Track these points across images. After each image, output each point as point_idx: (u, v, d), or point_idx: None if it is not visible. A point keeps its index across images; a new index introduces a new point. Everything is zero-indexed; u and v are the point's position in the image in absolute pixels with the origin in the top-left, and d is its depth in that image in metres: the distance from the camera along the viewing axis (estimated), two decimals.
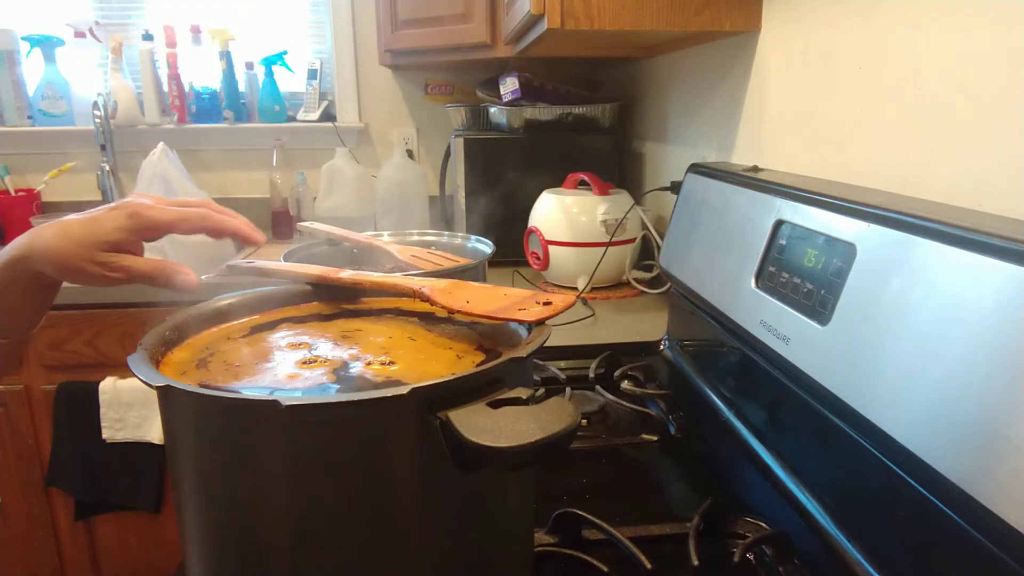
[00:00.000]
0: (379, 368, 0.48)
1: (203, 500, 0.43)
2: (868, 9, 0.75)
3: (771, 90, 1.00)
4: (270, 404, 0.37)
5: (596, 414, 0.90)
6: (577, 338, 1.15)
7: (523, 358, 0.43)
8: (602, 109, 1.66)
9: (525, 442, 0.36)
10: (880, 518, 0.53)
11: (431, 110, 2.17)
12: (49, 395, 1.58)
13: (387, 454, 0.40)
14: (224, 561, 0.44)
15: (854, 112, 0.78)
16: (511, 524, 0.49)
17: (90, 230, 0.52)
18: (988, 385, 0.42)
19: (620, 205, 1.38)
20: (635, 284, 1.42)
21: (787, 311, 0.65)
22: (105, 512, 1.66)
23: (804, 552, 0.60)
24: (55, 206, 2.08)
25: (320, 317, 0.60)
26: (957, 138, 0.62)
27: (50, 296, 0.60)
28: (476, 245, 1.02)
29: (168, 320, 0.53)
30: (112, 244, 0.53)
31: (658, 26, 1.01)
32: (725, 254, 0.82)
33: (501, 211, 1.61)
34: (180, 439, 0.44)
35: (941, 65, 0.64)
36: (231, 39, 2.06)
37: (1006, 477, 0.39)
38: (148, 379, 0.41)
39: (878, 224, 0.55)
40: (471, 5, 1.57)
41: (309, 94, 2.15)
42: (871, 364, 0.52)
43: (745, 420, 0.76)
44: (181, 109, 2.11)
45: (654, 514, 0.67)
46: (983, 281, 0.44)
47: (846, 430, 0.56)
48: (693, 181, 0.98)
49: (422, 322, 0.58)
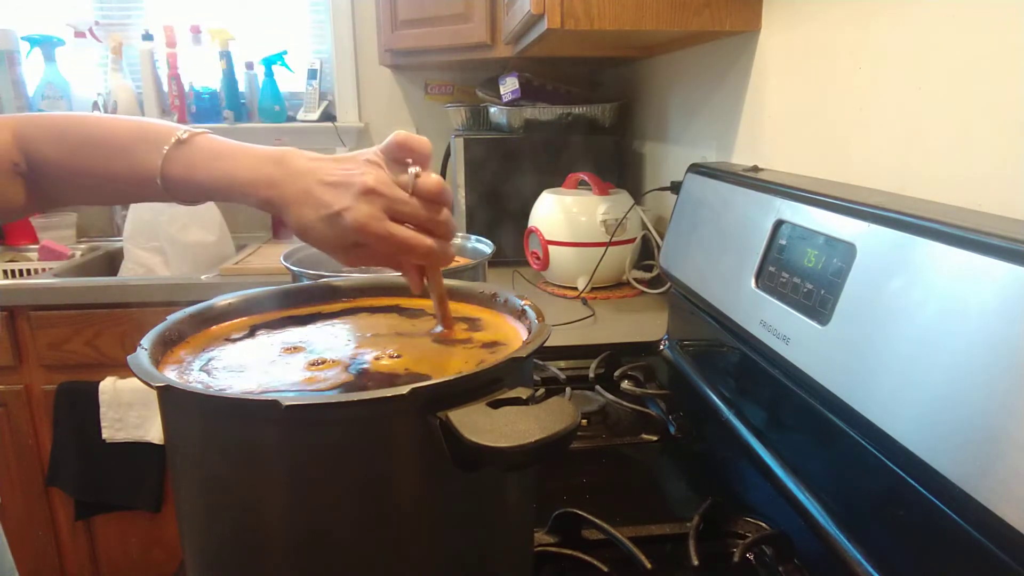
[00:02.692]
0: (390, 363, 0.49)
1: (203, 500, 0.43)
2: (868, 9, 0.75)
3: (771, 90, 1.00)
4: (270, 404, 0.37)
5: (596, 414, 0.90)
6: (577, 338, 1.15)
7: (523, 358, 0.43)
8: (602, 109, 1.66)
9: (525, 442, 0.36)
10: (880, 518, 0.53)
11: (431, 110, 2.17)
12: (49, 395, 1.58)
13: (387, 454, 0.40)
14: (224, 561, 0.44)
15: (854, 112, 0.78)
16: (511, 524, 0.49)
17: (337, 231, 0.50)
18: (988, 385, 0.42)
19: (620, 205, 1.38)
20: (635, 284, 1.42)
21: (787, 311, 0.65)
22: (105, 512, 1.66)
23: (804, 552, 0.60)
24: None
25: (320, 316, 0.60)
26: (957, 138, 0.62)
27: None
28: (476, 245, 1.02)
29: (168, 320, 0.52)
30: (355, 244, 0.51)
31: (658, 26, 1.01)
32: (725, 254, 0.82)
33: (501, 211, 1.61)
34: (180, 439, 0.44)
35: (941, 65, 0.64)
36: (231, 39, 2.06)
37: (1006, 477, 0.39)
38: (148, 379, 0.41)
39: (878, 224, 0.55)
40: (471, 5, 1.57)
41: (309, 94, 2.15)
42: (871, 364, 0.52)
43: (745, 420, 0.76)
44: (181, 109, 2.11)
45: (654, 514, 0.67)
46: (983, 281, 0.44)
47: (846, 430, 0.56)
48: (693, 181, 0.98)
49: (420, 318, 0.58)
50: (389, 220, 0.49)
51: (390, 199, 0.49)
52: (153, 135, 0.54)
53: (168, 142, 0.53)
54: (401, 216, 0.50)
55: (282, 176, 0.51)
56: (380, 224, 0.49)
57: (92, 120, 0.57)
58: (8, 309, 1.54)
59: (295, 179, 0.51)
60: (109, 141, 0.56)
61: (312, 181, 0.50)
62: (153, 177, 0.54)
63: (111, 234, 2.12)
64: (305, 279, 0.85)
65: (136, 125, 0.56)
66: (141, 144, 0.54)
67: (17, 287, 1.56)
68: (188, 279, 1.61)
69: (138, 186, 0.55)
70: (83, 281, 1.61)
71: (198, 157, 0.53)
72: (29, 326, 1.55)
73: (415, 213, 0.50)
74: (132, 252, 1.79)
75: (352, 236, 0.49)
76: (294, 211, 0.51)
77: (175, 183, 0.54)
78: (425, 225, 0.51)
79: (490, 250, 0.98)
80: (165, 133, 0.54)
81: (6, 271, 1.87)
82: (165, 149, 0.53)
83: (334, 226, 0.49)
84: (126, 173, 0.55)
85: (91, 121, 0.57)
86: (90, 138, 0.56)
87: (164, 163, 0.53)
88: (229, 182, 0.52)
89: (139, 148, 0.54)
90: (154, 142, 0.54)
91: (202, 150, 0.53)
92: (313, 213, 0.50)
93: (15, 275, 1.86)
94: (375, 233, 0.49)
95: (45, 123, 0.58)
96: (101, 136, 0.56)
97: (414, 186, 0.50)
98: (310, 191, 0.50)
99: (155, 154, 0.53)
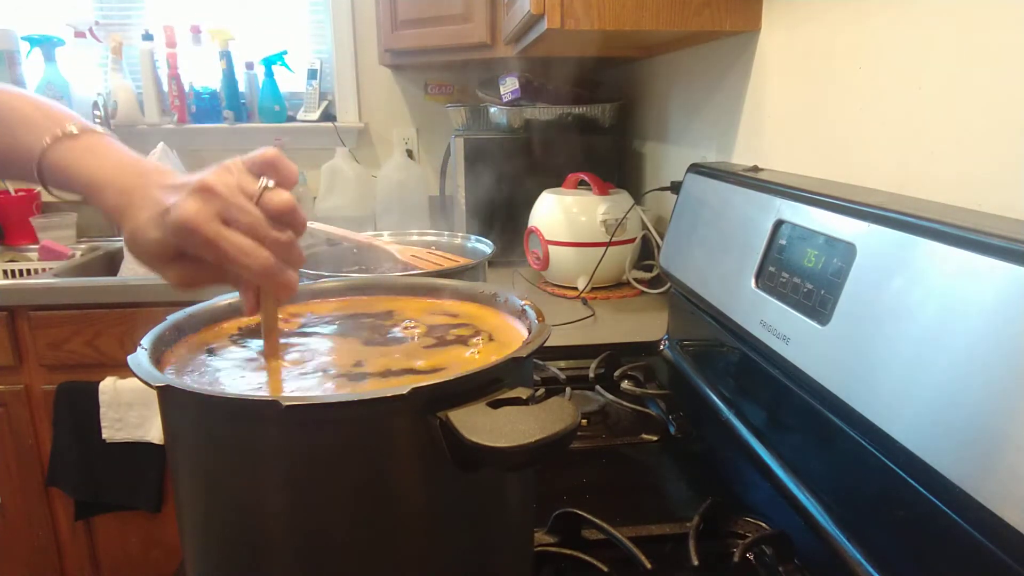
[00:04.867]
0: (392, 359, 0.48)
1: (203, 500, 0.43)
2: (868, 9, 0.75)
3: (771, 90, 1.00)
4: (270, 404, 0.37)
5: (596, 414, 0.90)
6: (577, 338, 1.15)
7: (523, 358, 0.43)
8: (602, 109, 1.66)
9: (525, 442, 0.36)
10: (880, 518, 0.53)
11: (431, 110, 2.17)
12: (49, 395, 1.58)
13: (387, 454, 0.40)
14: (224, 561, 0.44)
15: (854, 112, 0.78)
16: (511, 524, 0.49)
17: (161, 233, 0.46)
18: (988, 385, 0.42)
19: (620, 205, 1.38)
20: (635, 284, 1.42)
21: (787, 311, 0.65)
22: (105, 512, 1.66)
23: (804, 552, 0.60)
24: (55, 206, 2.08)
25: (319, 316, 0.60)
26: (957, 138, 0.62)
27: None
28: (476, 245, 1.03)
29: (168, 320, 0.52)
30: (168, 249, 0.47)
31: (658, 26, 1.01)
32: (725, 254, 0.82)
33: (501, 211, 1.61)
34: (180, 439, 0.44)
35: (941, 65, 0.64)
36: (231, 39, 2.06)
37: (1006, 477, 0.39)
38: (148, 379, 0.41)
39: (878, 224, 0.55)
40: (471, 5, 1.57)
41: (309, 94, 2.15)
42: (871, 364, 0.52)
43: (745, 420, 0.76)
44: (181, 109, 2.11)
45: (654, 514, 0.67)
46: (983, 281, 0.44)
47: (846, 430, 0.56)
48: (693, 181, 0.98)
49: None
50: (221, 223, 0.44)
51: (226, 201, 0.44)
52: (46, 122, 0.53)
53: (54, 132, 0.52)
54: (237, 223, 0.44)
55: (134, 185, 0.48)
56: (208, 225, 0.43)
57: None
58: (8, 309, 1.54)
59: (143, 187, 0.47)
60: (3, 120, 0.54)
61: (156, 187, 0.47)
62: (30, 163, 0.52)
63: (111, 234, 2.12)
64: (305, 279, 0.85)
65: (35, 110, 0.54)
66: (30, 128, 0.53)
67: (17, 287, 1.56)
68: None
69: (18, 167, 0.54)
70: (83, 281, 1.61)
71: (77, 154, 0.51)
72: (29, 326, 1.55)
73: (254, 224, 0.44)
74: None
75: (176, 238, 0.44)
76: (129, 215, 0.47)
77: (48, 173, 0.52)
78: (264, 241, 0.44)
79: (490, 250, 0.98)
80: (58, 123, 0.52)
81: (6, 271, 1.87)
82: (47, 141, 0.51)
83: (159, 227, 0.45)
84: (9, 154, 0.54)
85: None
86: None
87: (44, 153, 0.51)
88: (86, 182, 0.50)
89: (26, 132, 0.53)
90: (43, 129, 0.52)
91: (83, 148, 0.52)
92: (143, 214, 0.46)
93: (15, 275, 1.86)
94: (202, 234, 0.43)
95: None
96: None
97: (260, 197, 0.45)
98: (147, 194, 0.47)
99: (38, 142, 0.52)
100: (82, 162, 0.51)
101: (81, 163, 0.51)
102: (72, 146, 0.52)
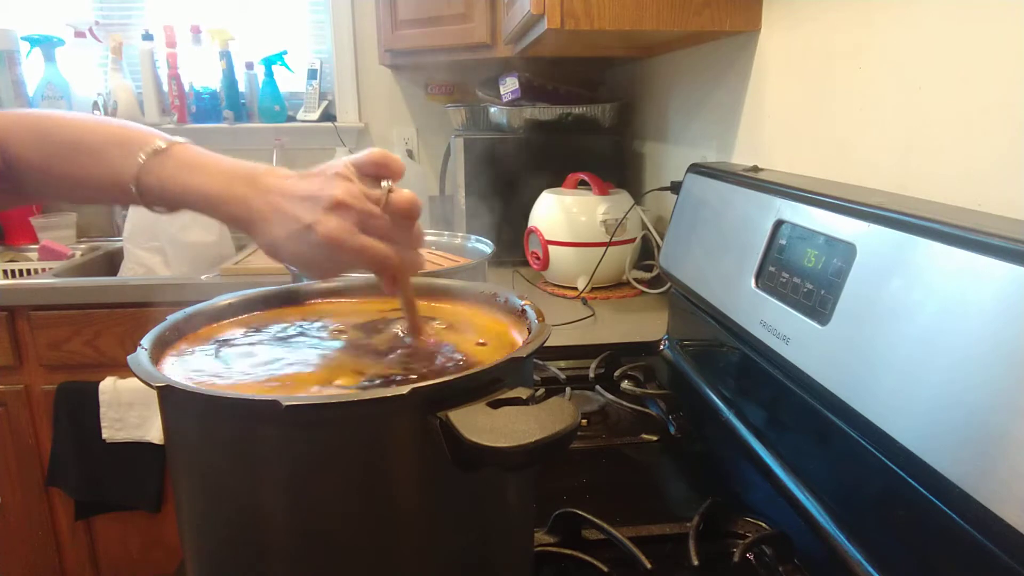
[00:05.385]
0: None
1: (203, 500, 0.43)
2: (868, 9, 0.75)
3: (771, 90, 1.00)
4: (270, 404, 0.37)
5: (596, 414, 0.90)
6: (577, 338, 1.15)
7: (523, 358, 0.44)
8: (602, 109, 1.66)
9: (525, 442, 0.36)
10: (880, 518, 0.53)
11: (431, 110, 2.17)
12: (49, 395, 1.58)
13: (387, 454, 0.40)
14: (224, 561, 0.44)
15: (854, 112, 0.78)
16: (511, 524, 0.49)
17: (307, 247, 0.49)
18: (988, 385, 0.42)
19: (620, 205, 1.38)
20: (635, 284, 1.42)
21: (787, 311, 0.65)
22: (105, 512, 1.66)
23: (804, 552, 0.60)
24: (55, 206, 2.08)
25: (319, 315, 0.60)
26: (957, 138, 0.62)
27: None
28: (476, 245, 1.02)
29: (168, 320, 0.52)
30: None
31: (658, 26, 1.01)
32: (725, 254, 0.82)
33: (501, 211, 1.61)
34: (180, 439, 0.44)
35: (941, 65, 0.64)
36: (231, 39, 2.06)
37: (1006, 477, 0.39)
38: (148, 379, 0.41)
39: (878, 224, 0.55)
40: (471, 5, 1.57)
41: (309, 94, 2.15)
42: (871, 364, 0.52)
43: (745, 420, 0.76)
44: (181, 109, 2.11)
45: (654, 514, 0.67)
46: (983, 281, 0.44)
47: (846, 430, 0.56)
48: (693, 181, 0.98)
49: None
50: (361, 233, 0.48)
51: (362, 212, 0.48)
52: (132, 141, 0.54)
53: (146, 150, 0.52)
54: (373, 231, 0.49)
55: (252, 194, 0.50)
56: (353, 238, 0.48)
57: (75, 122, 0.57)
58: (8, 309, 1.54)
59: (264, 196, 0.50)
60: (89, 145, 0.55)
61: (280, 197, 0.49)
62: (128, 184, 0.53)
63: (111, 234, 2.12)
64: (305, 279, 0.85)
65: (117, 130, 0.55)
66: (119, 149, 0.53)
67: (17, 287, 1.56)
68: (188, 279, 1.61)
69: (113, 190, 0.54)
70: (83, 281, 1.61)
71: (174, 168, 0.52)
72: (29, 326, 1.55)
73: (388, 228, 0.49)
74: (132, 252, 1.79)
75: (324, 251, 0.48)
76: (262, 229, 0.50)
77: (149, 191, 0.53)
78: (397, 240, 0.50)
79: (490, 250, 0.98)
80: (144, 140, 0.53)
81: (6, 271, 1.87)
82: (142, 158, 0.52)
83: (304, 241, 0.48)
84: (102, 178, 0.54)
85: (74, 123, 0.56)
86: (70, 141, 0.55)
87: (140, 171, 0.52)
88: (200, 197, 0.52)
89: (117, 154, 0.53)
90: (132, 148, 0.53)
91: (178, 161, 0.53)
92: (282, 230, 0.49)
93: (15, 275, 1.86)
94: (348, 248, 0.48)
95: (27, 123, 0.57)
96: (81, 140, 0.55)
97: (387, 201, 0.49)
98: (278, 207, 0.49)
99: (132, 161, 0.52)
100: (181, 177, 0.52)
101: (181, 178, 0.52)
102: (164, 162, 0.52)
